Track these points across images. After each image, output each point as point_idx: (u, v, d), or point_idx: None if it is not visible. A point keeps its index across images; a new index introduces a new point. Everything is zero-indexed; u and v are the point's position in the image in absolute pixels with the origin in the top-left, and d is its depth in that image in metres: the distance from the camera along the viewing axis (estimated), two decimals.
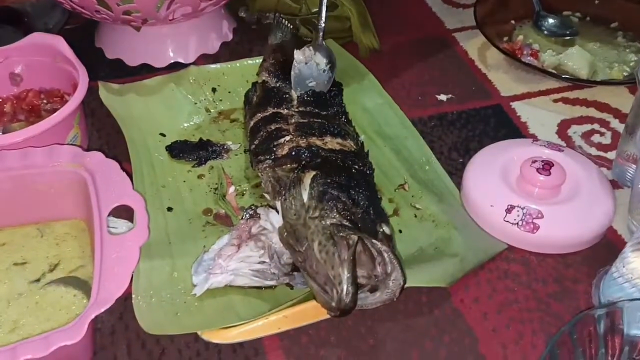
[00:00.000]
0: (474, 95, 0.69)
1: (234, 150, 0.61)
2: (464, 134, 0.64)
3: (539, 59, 0.71)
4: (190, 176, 0.58)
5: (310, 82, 0.62)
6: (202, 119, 0.65)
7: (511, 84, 0.70)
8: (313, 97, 0.60)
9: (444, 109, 0.67)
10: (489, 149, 0.59)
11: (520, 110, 0.67)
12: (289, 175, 0.50)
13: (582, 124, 0.65)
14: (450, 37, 0.78)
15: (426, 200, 0.55)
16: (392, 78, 0.71)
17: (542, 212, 0.52)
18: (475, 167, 0.57)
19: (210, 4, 0.67)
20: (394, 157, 0.60)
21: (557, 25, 0.75)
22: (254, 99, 0.62)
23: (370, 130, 0.63)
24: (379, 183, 0.57)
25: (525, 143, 0.59)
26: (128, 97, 0.65)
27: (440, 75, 0.72)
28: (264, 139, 0.55)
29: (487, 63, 0.73)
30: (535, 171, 0.54)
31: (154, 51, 0.72)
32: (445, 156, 0.62)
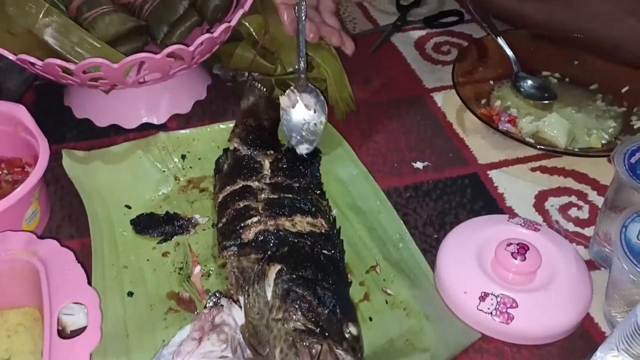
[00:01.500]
0: (451, 163, 0.67)
1: (201, 225, 0.59)
2: (440, 206, 0.63)
3: (517, 125, 0.70)
4: (154, 254, 0.56)
5: (304, 124, 0.60)
6: (170, 189, 0.63)
7: (489, 150, 0.69)
8: (287, 164, 0.59)
9: (420, 178, 0.66)
10: (463, 226, 0.58)
11: (498, 179, 0.65)
12: (254, 267, 0.48)
13: (559, 195, 0.64)
14: (428, 96, 0.77)
15: (398, 284, 0.53)
16: (368, 142, 0.70)
17: (516, 300, 0.51)
18: (449, 248, 0.56)
19: (181, 68, 0.65)
20: (366, 234, 0.58)
21: (536, 87, 0.74)
22: (224, 167, 0.60)
23: (343, 204, 0.61)
24: (350, 264, 0.55)
25: (501, 221, 0.58)
26: (93, 166, 0.62)
27: (417, 139, 0.70)
28: (231, 217, 0.54)
29: (465, 127, 0.72)
30: (510, 255, 0.52)
31: (124, 112, 0.70)
32: (420, 231, 0.60)
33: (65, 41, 0.62)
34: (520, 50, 0.77)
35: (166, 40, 0.71)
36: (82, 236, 0.58)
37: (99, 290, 0.50)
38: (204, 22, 0.75)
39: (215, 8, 0.73)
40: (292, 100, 0.61)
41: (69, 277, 0.45)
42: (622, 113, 0.72)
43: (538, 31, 0.80)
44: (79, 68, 0.59)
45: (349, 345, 0.42)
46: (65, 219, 0.60)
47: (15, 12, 0.61)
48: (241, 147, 0.61)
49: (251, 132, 0.62)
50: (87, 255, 0.54)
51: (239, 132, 0.62)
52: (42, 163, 0.54)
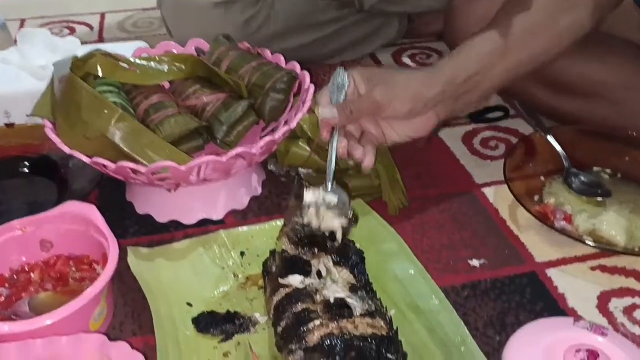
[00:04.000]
0: (507, 260, 0.67)
1: (261, 324, 0.59)
2: (499, 306, 0.62)
3: (573, 222, 0.69)
4: (216, 354, 0.56)
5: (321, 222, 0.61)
6: (230, 286, 0.64)
7: (545, 247, 0.68)
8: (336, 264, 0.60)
9: (476, 276, 0.65)
10: (527, 329, 0.56)
11: (557, 279, 0.65)
12: None
13: (622, 296, 0.62)
14: (479, 192, 0.77)
15: None
16: (421, 238, 0.70)
17: None
18: (514, 353, 0.54)
19: (242, 166, 0.68)
20: (427, 336, 0.57)
21: (588, 183, 0.75)
22: (272, 268, 0.61)
23: (402, 303, 0.61)
24: None
25: (566, 324, 0.56)
26: (157, 262, 0.64)
27: (471, 236, 0.71)
28: (291, 321, 0.54)
29: (518, 223, 0.72)
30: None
31: (184, 208, 0.72)
32: (481, 332, 0.59)
33: (135, 143, 0.66)
34: (568, 145, 0.78)
35: (225, 139, 0.75)
36: (145, 333, 0.59)
37: None
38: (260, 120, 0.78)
39: (272, 109, 0.76)
40: (316, 196, 0.62)
41: None
42: None
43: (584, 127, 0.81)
44: (149, 170, 0.62)
45: None
46: (128, 316, 0.61)
47: (91, 117, 0.66)
48: (289, 247, 0.62)
49: (299, 232, 0.63)
50: (150, 353, 0.54)
51: (287, 231, 0.64)
52: (112, 263, 0.56)
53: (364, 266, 0.63)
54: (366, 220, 0.69)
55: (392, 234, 0.68)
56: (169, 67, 0.78)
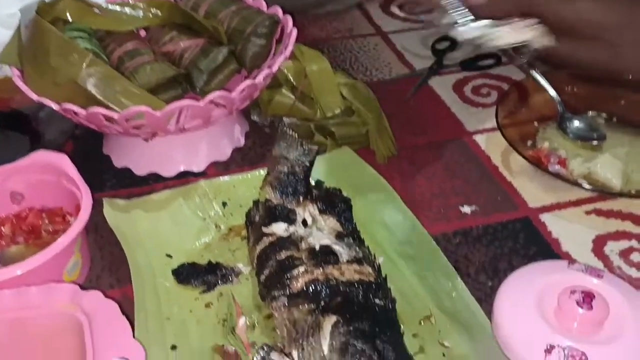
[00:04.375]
0: (500, 207, 0.65)
1: (244, 274, 0.57)
2: (492, 252, 0.60)
3: (567, 166, 0.67)
4: (197, 305, 0.54)
5: None
6: (212, 237, 0.61)
7: (539, 193, 0.66)
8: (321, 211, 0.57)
9: (468, 223, 0.63)
10: (520, 273, 0.54)
11: (551, 223, 0.62)
12: (307, 319, 0.45)
13: (618, 239, 0.61)
14: (470, 139, 0.75)
15: (455, 336, 0.50)
16: (411, 187, 0.68)
17: (586, 354, 0.47)
18: (506, 297, 0.52)
19: (223, 114, 0.65)
20: (417, 283, 0.55)
21: (583, 128, 0.72)
22: (256, 218, 0.58)
23: (390, 250, 0.58)
24: (402, 314, 0.52)
25: (560, 267, 0.54)
26: (134, 214, 0.61)
27: (463, 183, 0.68)
28: (275, 269, 0.51)
29: (511, 169, 0.70)
30: (576, 304, 0.49)
31: (163, 160, 0.69)
32: (473, 279, 0.57)
33: (108, 90, 0.62)
34: (562, 90, 0.75)
35: (205, 88, 0.71)
36: (123, 285, 0.56)
37: (143, 344, 0.48)
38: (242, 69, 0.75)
39: (254, 55, 0.73)
40: None
41: (113, 330, 0.43)
42: None
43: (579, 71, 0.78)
44: (122, 116, 0.59)
45: None
46: (105, 269, 0.59)
47: (59, 62, 0.62)
48: (273, 196, 0.59)
49: (283, 180, 0.60)
50: (128, 305, 0.52)
51: (270, 180, 0.61)
52: (85, 212, 0.53)
53: (351, 214, 0.61)
54: (354, 168, 0.67)
55: (380, 182, 0.65)
56: (144, 13, 0.74)
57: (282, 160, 0.65)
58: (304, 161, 0.65)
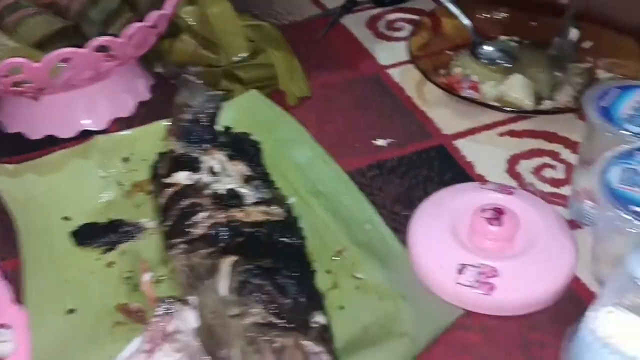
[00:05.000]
0: (415, 137, 0.63)
1: (149, 229, 0.54)
2: (407, 182, 0.58)
3: (480, 91, 0.66)
4: (98, 266, 0.51)
5: None
6: (114, 195, 0.57)
7: (453, 120, 0.65)
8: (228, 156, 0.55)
9: (383, 156, 0.61)
10: (432, 198, 0.53)
11: (465, 148, 0.61)
12: (205, 263, 0.43)
13: (531, 157, 0.60)
14: (384, 73, 0.73)
15: (369, 267, 0.49)
16: (325, 125, 0.65)
17: (496, 269, 0.46)
18: (419, 222, 0.51)
19: (115, 64, 0.61)
20: (330, 218, 0.53)
21: (495, 52, 0.71)
22: (161, 171, 0.55)
23: (302, 190, 0.56)
24: (315, 251, 0.50)
25: (472, 188, 0.54)
26: (27, 178, 0.57)
27: (377, 117, 0.66)
28: (176, 219, 0.49)
29: (425, 99, 0.68)
30: (486, 222, 0.48)
31: (59, 120, 0.64)
32: (388, 210, 0.55)
33: None
34: (475, 17, 0.74)
35: None
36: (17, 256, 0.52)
37: (35, 310, 0.45)
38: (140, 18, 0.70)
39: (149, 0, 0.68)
40: None
41: None
42: (586, 69, 0.69)
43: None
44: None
45: (317, 335, 0.38)
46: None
47: None
48: (176, 146, 0.56)
49: (187, 129, 0.57)
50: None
51: (173, 129, 0.58)
52: None
53: (261, 157, 0.59)
54: (261, 110, 0.64)
55: (290, 122, 0.62)
56: None
57: (185, 109, 0.61)
58: (208, 108, 0.62)
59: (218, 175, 0.54)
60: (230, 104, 0.64)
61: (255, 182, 0.54)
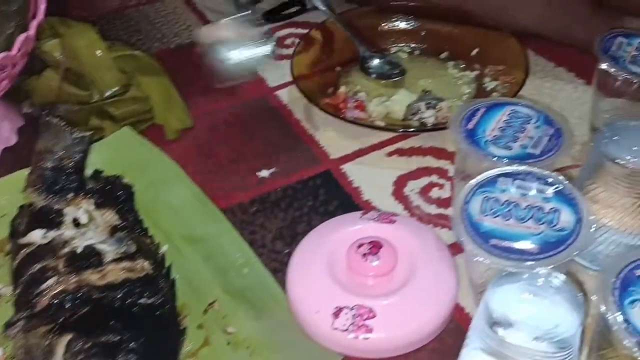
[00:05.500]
0: (302, 164, 0.60)
1: (4, 297, 0.49)
2: (290, 215, 0.55)
3: (366, 109, 0.63)
4: None
5: None
6: None
7: (341, 142, 0.62)
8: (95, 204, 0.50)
9: (266, 188, 0.58)
10: (312, 234, 0.51)
11: (352, 172, 0.59)
12: (41, 343, 0.38)
13: (418, 177, 0.58)
14: (272, 95, 0.69)
15: (241, 318, 0.45)
16: (207, 159, 0.62)
17: (373, 309, 0.44)
18: (297, 262, 0.48)
19: None
20: (204, 266, 0.50)
21: (384, 65, 0.69)
22: (21, 228, 0.50)
23: (176, 236, 0.52)
24: (187, 305, 0.47)
25: (353, 219, 0.51)
26: None
27: (264, 145, 0.63)
28: (24, 286, 0.44)
29: (314, 122, 0.65)
30: (362, 258, 0.46)
31: None
32: (269, 249, 0.52)
33: None
34: (365, 29, 0.72)
35: None
36: None
37: None
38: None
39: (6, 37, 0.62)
40: None
41: None
42: (474, 77, 0.68)
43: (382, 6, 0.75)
44: None
45: None
46: None
47: None
48: (36, 198, 0.51)
49: (48, 178, 0.52)
50: None
51: (33, 179, 0.53)
52: None
53: (132, 202, 0.54)
54: (134, 149, 0.60)
55: (164, 161, 0.58)
56: None
57: (47, 155, 0.56)
58: (74, 152, 0.57)
59: (84, 227, 0.50)
60: (101, 144, 0.59)
61: (121, 234, 0.49)
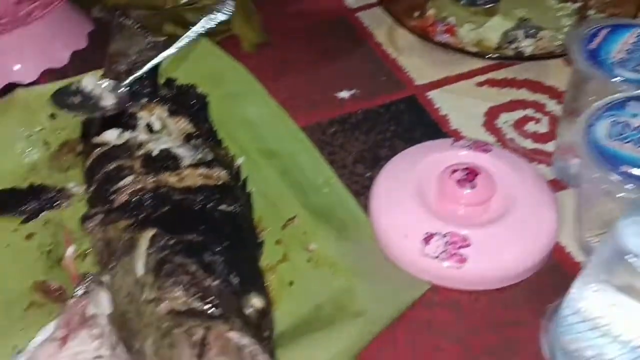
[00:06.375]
0: (383, 88, 0.56)
1: (77, 195, 0.47)
2: (372, 139, 0.52)
3: (456, 35, 0.59)
4: (16, 238, 0.44)
5: None
6: (39, 156, 0.50)
7: (426, 69, 0.58)
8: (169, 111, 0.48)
9: (346, 109, 0.54)
10: (399, 157, 0.47)
11: (439, 100, 0.55)
12: (122, 236, 0.36)
13: (512, 110, 0.53)
14: (352, 17, 0.65)
15: (322, 237, 0.43)
16: (283, 76, 0.58)
17: (468, 237, 0.40)
18: (383, 185, 0.45)
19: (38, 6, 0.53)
20: (283, 181, 0.47)
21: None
22: (92, 129, 0.48)
23: (252, 149, 0.49)
24: (265, 220, 0.44)
25: (443, 145, 0.47)
26: None
27: (342, 66, 0.59)
28: (100, 184, 0.42)
29: (397, 46, 0.61)
30: (457, 184, 0.42)
31: None
32: (350, 171, 0.49)
33: None
34: None
35: None
36: None
37: None
38: None
39: None
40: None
41: None
42: (576, 9, 0.62)
43: None
44: None
45: (249, 322, 0.32)
46: None
47: None
48: None
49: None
50: None
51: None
52: None
53: (207, 112, 0.52)
54: (210, 60, 0.57)
55: (241, 73, 0.55)
56: None
57: (120, 58, 0.54)
58: (148, 57, 0.54)
59: (157, 134, 0.48)
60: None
61: (196, 141, 0.47)
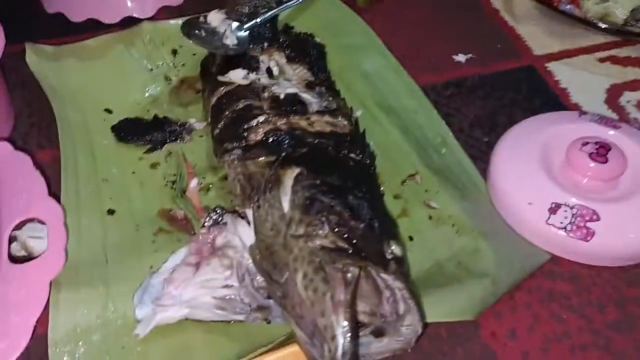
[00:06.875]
0: (500, 55, 0.55)
1: (198, 131, 0.48)
2: (489, 105, 0.51)
3: (581, 6, 0.57)
4: (141, 166, 0.46)
5: None
6: (160, 90, 0.52)
7: (546, 39, 0.56)
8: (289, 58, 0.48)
9: (462, 73, 0.54)
10: (522, 125, 0.46)
11: (559, 72, 0.53)
12: (265, 172, 0.37)
13: (636, 89, 0.52)
14: None
15: (444, 196, 0.43)
16: (397, 35, 0.57)
17: (597, 212, 0.40)
18: (505, 151, 0.45)
19: None
20: (401, 137, 0.47)
21: None
22: (213, 68, 0.48)
23: (371, 102, 0.50)
24: (382, 173, 0.44)
25: (570, 117, 0.46)
26: (65, 63, 0.51)
27: (458, 30, 0.58)
28: (230, 121, 0.43)
29: (514, 13, 0.59)
30: (588, 157, 0.41)
31: (103, 4, 0.58)
32: (466, 134, 0.49)
33: None
34: None
35: None
36: (54, 146, 0.47)
37: (71, 208, 0.40)
38: None
39: None
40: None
41: (25, 187, 0.35)
42: None
43: None
44: None
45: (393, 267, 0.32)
46: (34, 127, 0.50)
47: None
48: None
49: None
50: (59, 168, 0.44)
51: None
52: None
53: (325, 62, 0.52)
54: (329, 10, 0.56)
55: (360, 26, 0.55)
56: None
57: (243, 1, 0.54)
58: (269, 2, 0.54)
59: (276, 78, 0.48)
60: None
61: (317, 89, 0.47)
